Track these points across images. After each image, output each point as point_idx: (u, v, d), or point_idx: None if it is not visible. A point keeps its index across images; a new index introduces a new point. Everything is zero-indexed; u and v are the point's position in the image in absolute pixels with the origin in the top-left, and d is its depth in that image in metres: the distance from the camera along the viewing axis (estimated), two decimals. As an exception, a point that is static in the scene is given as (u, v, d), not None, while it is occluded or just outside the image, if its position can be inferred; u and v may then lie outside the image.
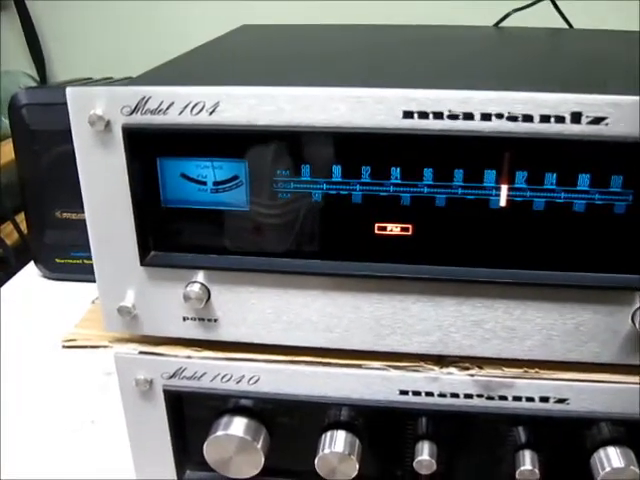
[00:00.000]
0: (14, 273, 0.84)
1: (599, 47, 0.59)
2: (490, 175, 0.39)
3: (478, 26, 0.73)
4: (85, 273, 0.75)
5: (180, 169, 0.42)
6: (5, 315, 0.73)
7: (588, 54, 0.56)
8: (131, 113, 0.40)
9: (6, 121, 0.80)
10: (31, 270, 0.82)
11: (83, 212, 0.57)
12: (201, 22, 1.02)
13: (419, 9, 0.94)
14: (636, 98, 0.36)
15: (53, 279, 0.80)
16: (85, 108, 0.40)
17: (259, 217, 0.42)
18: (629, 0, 0.87)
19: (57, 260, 0.78)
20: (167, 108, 0.39)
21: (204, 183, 0.42)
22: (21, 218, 0.84)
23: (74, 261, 0.78)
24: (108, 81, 0.81)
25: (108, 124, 0.40)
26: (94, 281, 0.45)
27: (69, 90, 0.40)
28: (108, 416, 0.58)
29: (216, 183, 0.42)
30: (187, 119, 0.39)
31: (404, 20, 0.77)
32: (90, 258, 0.73)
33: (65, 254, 0.78)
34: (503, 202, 0.40)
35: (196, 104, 0.39)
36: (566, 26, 0.75)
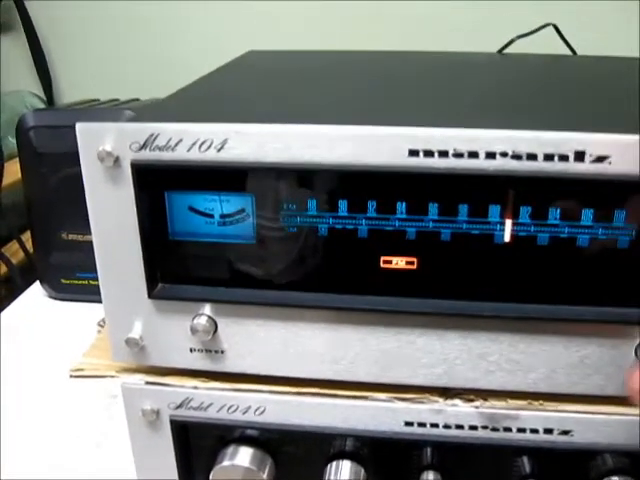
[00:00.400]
0: (20, 292, 0.84)
1: (602, 75, 0.60)
2: (494, 210, 0.40)
3: (482, 53, 0.73)
4: (91, 294, 0.76)
5: (188, 202, 0.42)
6: (11, 335, 0.74)
7: (591, 84, 0.56)
8: (140, 149, 0.40)
9: (13, 141, 0.80)
10: (37, 290, 0.82)
11: (89, 234, 0.58)
12: (208, 42, 1.03)
13: (423, 34, 0.95)
14: (636, 137, 0.37)
15: (59, 299, 0.80)
16: (94, 144, 0.40)
17: (266, 250, 0.43)
18: (631, 26, 0.87)
19: (63, 281, 0.79)
20: (175, 145, 0.40)
21: (211, 216, 0.42)
22: (27, 237, 0.84)
23: (80, 282, 0.78)
24: (115, 103, 0.82)
25: (117, 160, 0.40)
26: (100, 302, 0.45)
27: (79, 126, 0.41)
28: (113, 439, 0.58)
29: (223, 216, 0.42)
30: (195, 156, 0.40)
31: (408, 45, 0.78)
32: (95, 279, 0.74)
33: (71, 275, 0.78)
34: (507, 237, 0.40)
35: (204, 141, 0.40)
36: (570, 52, 0.76)
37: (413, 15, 0.96)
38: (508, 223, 0.40)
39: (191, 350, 0.45)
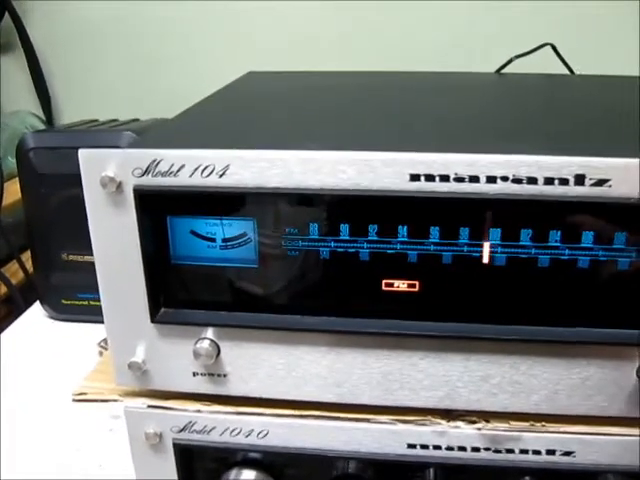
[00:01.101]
0: (20, 313, 0.84)
1: (601, 96, 0.60)
2: (495, 233, 0.40)
3: (480, 73, 0.74)
4: (91, 314, 0.76)
5: (189, 226, 0.42)
6: (12, 356, 0.74)
7: (590, 105, 0.57)
8: (142, 175, 0.40)
9: (13, 161, 0.80)
10: (37, 310, 0.82)
11: (89, 254, 0.58)
12: (206, 62, 1.03)
13: (420, 54, 0.95)
14: (636, 161, 0.37)
15: (59, 320, 0.80)
16: (97, 170, 0.40)
17: (268, 273, 0.43)
18: (629, 45, 0.87)
19: (63, 301, 0.79)
20: (178, 170, 0.40)
21: (213, 240, 0.43)
22: (27, 257, 0.84)
23: (80, 302, 0.78)
24: (114, 124, 0.82)
25: (120, 185, 0.41)
26: (100, 322, 0.46)
27: (81, 152, 0.41)
28: (115, 460, 0.58)
29: (225, 240, 0.42)
30: (197, 181, 0.40)
31: (406, 65, 0.78)
32: (96, 299, 0.74)
33: (71, 295, 0.78)
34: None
35: (206, 167, 0.40)
36: (567, 72, 0.76)
37: (411, 34, 0.96)
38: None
39: (194, 374, 0.45)
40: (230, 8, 1.00)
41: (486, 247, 0.40)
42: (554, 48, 0.75)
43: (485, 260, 0.40)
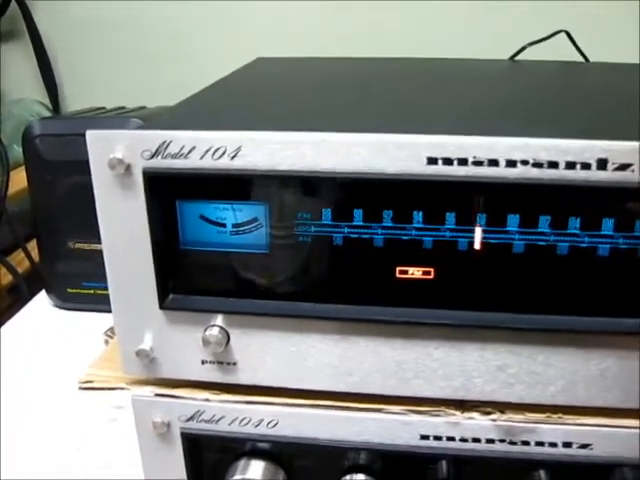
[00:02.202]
0: (26, 302, 0.83)
1: (617, 82, 0.59)
2: (513, 219, 0.39)
3: (494, 60, 0.73)
4: (97, 303, 0.75)
5: (199, 211, 0.42)
6: (18, 344, 0.73)
7: (607, 91, 0.56)
8: (151, 157, 0.39)
9: (19, 149, 0.80)
10: (43, 299, 0.81)
11: (95, 243, 0.57)
12: (214, 50, 1.02)
13: (433, 40, 0.94)
14: (660, 145, 0.36)
15: (65, 309, 0.79)
16: (105, 152, 0.40)
17: (279, 260, 0.42)
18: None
19: (69, 290, 0.78)
20: (188, 152, 0.39)
21: (223, 225, 0.42)
22: (32, 245, 0.84)
23: (86, 291, 0.78)
24: (121, 111, 0.81)
25: (128, 168, 0.40)
26: (106, 311, 0.45)
27: (89, 134, 0.40)
28: (119, 451, 0.57)
29: (235, 225, 0.42)
30: (208, 163, 0.39)
31: (418, 51, 0.77)
32: (102, 288, 0.73)
33: (77, 284, 0.78)
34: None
35: (218, 149, 0.39)
36: (582, 59, 0.75)
37: (423, 21, 0.95)
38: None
39: (203, 362, 0.44)
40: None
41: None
42: (569, 35, 0.74)
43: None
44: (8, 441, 0.58)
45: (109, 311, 0.45)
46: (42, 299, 0.82)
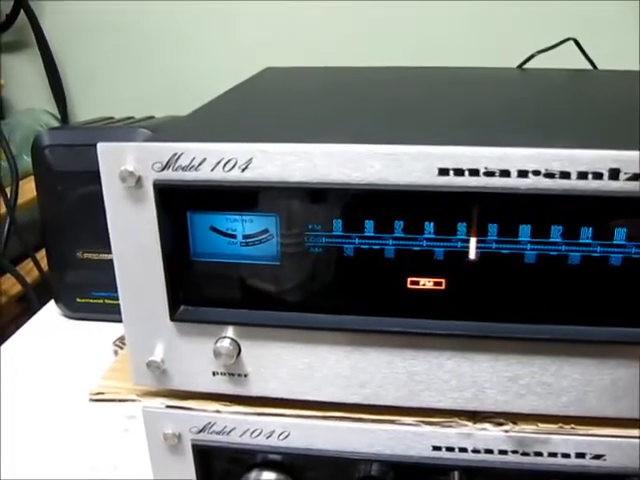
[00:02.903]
0: (35, 311, 0.83)
1: (626, 91, 0.59)
2: (525, 229, 0.39)
3: (503, 68, 0.73)
4: (106, 313, 0.75)
5: (210, 222, 0.42)
6: (28, 355, 0.73)
7: (616, 100, 0.56)
8: (162, 169, 0.39)
9: (28, 159, 0.80)
10: (52, 309, 0.81)
11: (104, 252, 0.57)
12: (221, 59, 1.03)
13: (441, 49, 0.94)
14: (674, 154, 0.36)
15: (74, 318, 0.79)
16: (116, 164, 0.40)
17: (290, 271, 0.42)
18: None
19: (78, 300, 0.78)
20: (199, 164, 0.39)
21: (234, 236, 0.42)
22: (42, 255, 0.84)
23: (95, 301, 0.78)
24: (129, 121, 0.82)
25: (139, 180, 0.40)
26: (115, 321, 0.45)
27: (100, 146, 0.40)
28: (130, 461, 0.57)
29: (246, 236, 0.42)
30: (219, 175, 0.39)
31: (426, 59, 0.77)
32: (111, 298, 0.74)
33: (86, 294, 0.77)
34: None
35: (229, 161, 0.39)
36: (590, 67, 0.75)
37: (431, 30, 0.95)
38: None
39: (214, 373, 0.44)
40: (246, 7, 0.99)
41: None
42: (577, 43, 0.73)
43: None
44: (17, 453, 0.58)
45: (118, 320, 0.45)
46: (51, 309, 0.82)
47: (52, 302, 0.81)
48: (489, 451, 0.43)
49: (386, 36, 0.96)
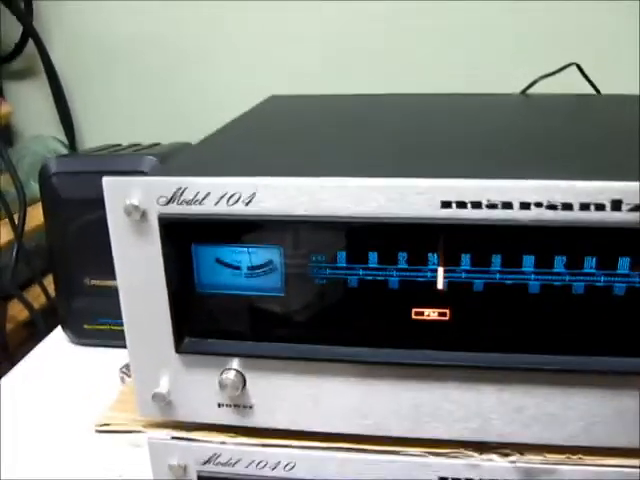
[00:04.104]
0: (42, 337, 0.83)
1: (629, 117, 0.59)
2: (529, 260, 0.39)
3: (506, 94, 0.73)
4: (113, 339, 0.75)
5: (215, 254, 0.42)
6: (35, 380, 0.73)
7: (620, 127, 0.56)
8: (167, 203, 0.40)
9: (36, 185, 0.80)
10: (59, 335, 0.82)
11: (111, 279, 0.57)
12: (227, 86, 1.03)
13: (443, 75, 0.94)
14: (675, 185, 0.36)
15: (81, 345, 0.79)
16: (121, 197, 0.40)
17: (294, 302, 0.42)
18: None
19: (85, 326, 0.78)
20: (203, 198, 0.39)
21: (238, 268, 0.42)
22: (49, 281, 0.84)
23: (102, 327, 0.78)
24: (136, 147, 0.82)
25: (144, 214, 0.40)
26: (122, 347, 0.45)
27: (105, 180, 0.40)
28: (137, 473, 0.57)
29: (250, 268, 0.42)
30: (223, 209, 0.39)
31: (429, 85, 0.77)
32: (117, 324, 0.73)
33: (93, 320, 0.78)
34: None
35: (232, 195, 0.39)
36: (593, 92, 0.75)
37: (433, 56, 0.95)
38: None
39: (219, 405, 0.44)
40: (251, 32, 1.00)
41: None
42: (579, 68, 0.74)
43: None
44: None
45: (125, 347, 0.45)
46: (58, 334, 0.82)
47: (59, 328, 0.81)
48: (496, 482, 0.43)
49: (387, 61, 0.97)
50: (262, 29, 0.99)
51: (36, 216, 0.85)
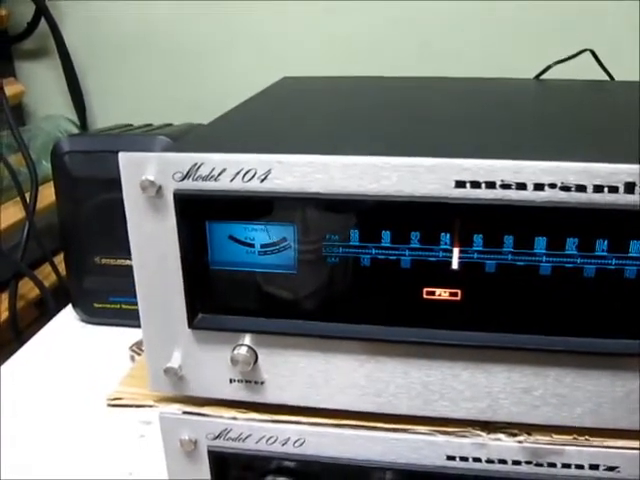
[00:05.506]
0: (52, 316, 0.84)
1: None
2: (541, 242, 0.39)
3: (520, 79, 0.73)
4: (123, 318, 0.76)
5: (228, 231, 0.42)
6: (45, 359, 0.74)
7: (634, 111, 0.56)
8: (183, 179, 0.40)
9: (47, 165, 0.81)
10: (69, 313, 0.82)
11: (122, 258, 0.57)
12: (239, 67, 1.03)
13: (457, 60, 0.94)
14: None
15: (91, 323, 0.80)
16: (137, 173, 0.40)
17: (307, 280, 0.42)
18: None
19: (95, 305, 0.79)
20: (219, 175, 0.40)
21: (252, 245, 0.42)
22: (59, 259, 0.85)
23: (112, 306, 0.78)
24: (148, 128, 0.82)
25: (159, 189, 0.40)
26: (132, 326, 0.45)
27: (121, 155, 0.41)
28: (146, 468, 0.58)
29: (264, 245, 0.42)
30: (238, 186, 0.40)
31: (443, 69, 0.77)
32: (128, 303, 0.74)
33: (103, 299, 0.78)
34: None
35: (248, 171, 0.39)
36: (607, 78, 0.75)
37: (448, 39, 0.95)
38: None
39: (231, 381, 0.45)
40: (262, 14, 1.00)
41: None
42: (594, 54, 0.74)
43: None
44: (32, 458, 0.59)
45: (135, 325, 0.45)
46: (68, 313, 0.82)
47: (69, 307, 0.82)
48: (503, 461, 0.44)
49: (402, 44, 0.97)
50: (274, 11, 0.99)
51: (47, 195, 0.86)
